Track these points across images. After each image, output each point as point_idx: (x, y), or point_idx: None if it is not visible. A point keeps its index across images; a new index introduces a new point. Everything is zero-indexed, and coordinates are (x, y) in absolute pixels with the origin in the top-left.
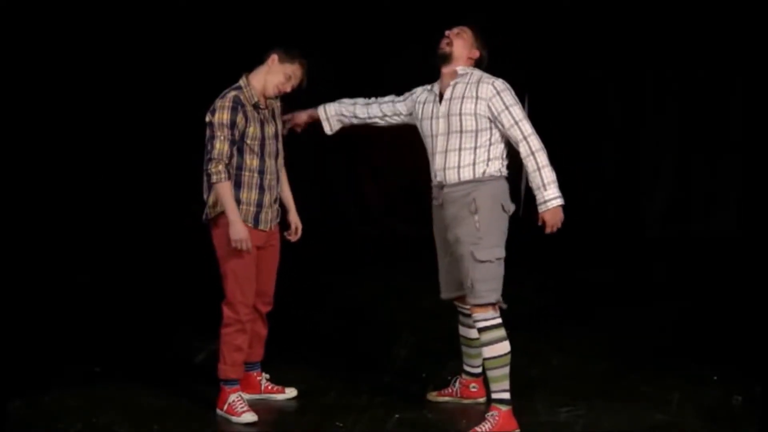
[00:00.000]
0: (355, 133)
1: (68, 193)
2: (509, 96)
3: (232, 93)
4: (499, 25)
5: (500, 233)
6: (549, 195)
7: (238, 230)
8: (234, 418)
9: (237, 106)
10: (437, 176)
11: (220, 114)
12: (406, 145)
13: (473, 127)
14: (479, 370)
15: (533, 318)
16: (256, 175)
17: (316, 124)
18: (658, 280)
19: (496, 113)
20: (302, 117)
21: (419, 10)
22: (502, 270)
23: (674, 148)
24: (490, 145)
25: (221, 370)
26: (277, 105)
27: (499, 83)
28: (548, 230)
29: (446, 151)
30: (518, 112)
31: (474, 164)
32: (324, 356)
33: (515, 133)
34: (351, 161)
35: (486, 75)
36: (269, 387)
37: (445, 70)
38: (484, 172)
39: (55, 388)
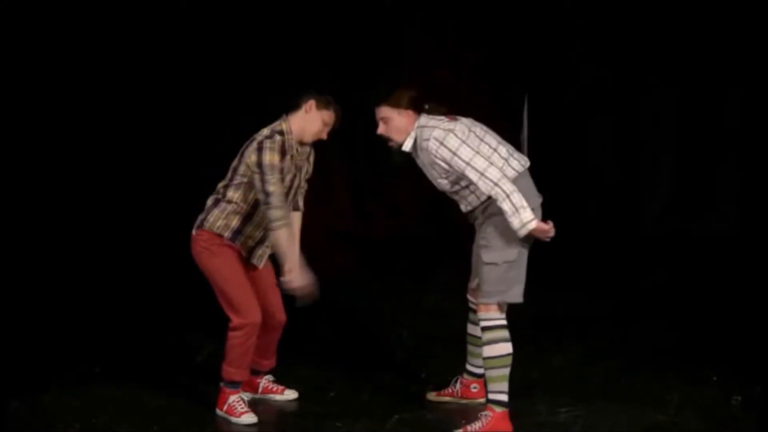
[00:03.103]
0: (354, 132)
1: (70, 192)
2: (444, 150)
3: (280, 138)
4: (499, 25)
5: (512, 236)
6: (527, 217)
7: (298, 278)
8: (233, 419)
9: (284, 151)
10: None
11: (271, 156)
12: None
13: (452, 180)
14: (482, 371)
15: (533, 318)
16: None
17: None
18: (658, 280)
19: (447, 167)
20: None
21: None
22: (512, 273)
23: (674, 149)
24: (462, 175)
25: (226, 371)
26: (305, 150)
27: (431, 144)
28: (546, 240)
29: (454, 200)
30: (462, 156)
31: (470, 194)
32: (324, 356)
33: (471, 175)
34: (351, 160)
35: (419, 136)
36: (269, 387)
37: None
38: (479, 198)
39: (55, 388)
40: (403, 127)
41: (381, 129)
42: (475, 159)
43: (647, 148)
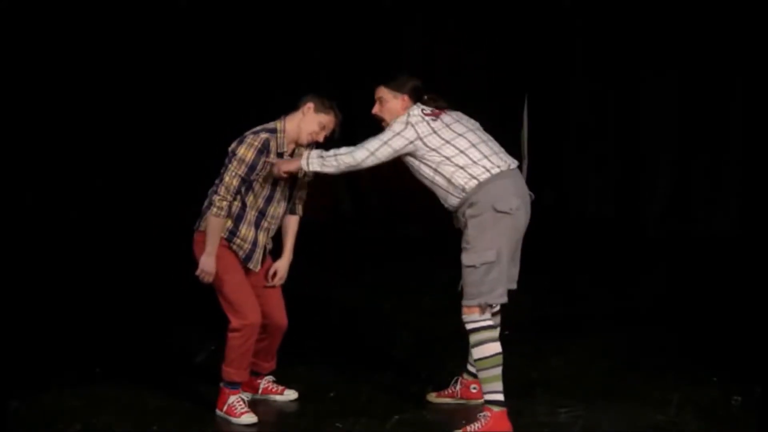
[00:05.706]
0: (354, 132)
1: (71, 192)
2: (387, 131)
3: (265, 135)
4: (499, 25)
5: (491, 236)
6: (313, 163)
7: (209, 263)
8: (233, 419)
9: (264, 150)
10: None
11: (246, 150)
12: None
13: (414, 168)
14: None
15: (532, 319)
16: (258, 214)
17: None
18: (658, 280)
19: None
20: (289, 167)
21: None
22: (493, 274)
23: (674, 149)
24: (435, 172)
25: (225, 372)
26: (303, 151)
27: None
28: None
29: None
30: (381, 136)
31: (447, 194)
32: (324, 356)
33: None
34: None
35: None
36: (269, 387)
37: None
38: (458, 198)
39: (55, 388)
40: (396, 111)
41: (376, 109)
42: (376, 140)
43: (647, 148)
